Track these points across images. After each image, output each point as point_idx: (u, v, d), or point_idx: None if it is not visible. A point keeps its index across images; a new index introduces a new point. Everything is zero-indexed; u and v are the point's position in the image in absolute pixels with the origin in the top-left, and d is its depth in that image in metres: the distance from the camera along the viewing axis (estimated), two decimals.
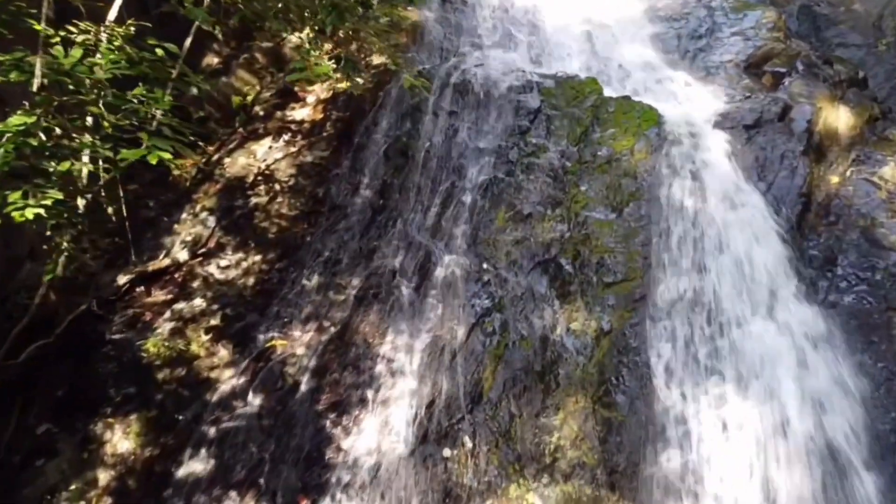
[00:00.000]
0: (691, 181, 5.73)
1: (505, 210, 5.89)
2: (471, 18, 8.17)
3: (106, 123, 3.93)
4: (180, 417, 4.85)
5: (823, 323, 5.06)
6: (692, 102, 6.61)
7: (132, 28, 4.49)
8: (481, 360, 4.95)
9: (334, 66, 4.79)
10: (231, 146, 7.04)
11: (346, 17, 4.27)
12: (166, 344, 5.16)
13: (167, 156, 3.56)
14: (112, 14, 4.66)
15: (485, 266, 5.57)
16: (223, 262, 5.78)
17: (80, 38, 4.12)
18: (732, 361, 4.94)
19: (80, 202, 4.60)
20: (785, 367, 4.90)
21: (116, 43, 4.39)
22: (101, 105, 3.95)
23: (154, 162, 3.52)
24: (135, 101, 3.91)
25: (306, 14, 4.51)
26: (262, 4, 4.87)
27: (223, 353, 5.15)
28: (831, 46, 8.98)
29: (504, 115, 6.62)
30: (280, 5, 4.80)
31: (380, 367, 4.91)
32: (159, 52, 4.63)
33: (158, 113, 3.93)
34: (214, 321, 5.31)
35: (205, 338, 5.23)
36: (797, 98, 6.52)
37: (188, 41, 6.04)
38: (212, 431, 4.72)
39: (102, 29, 4.30)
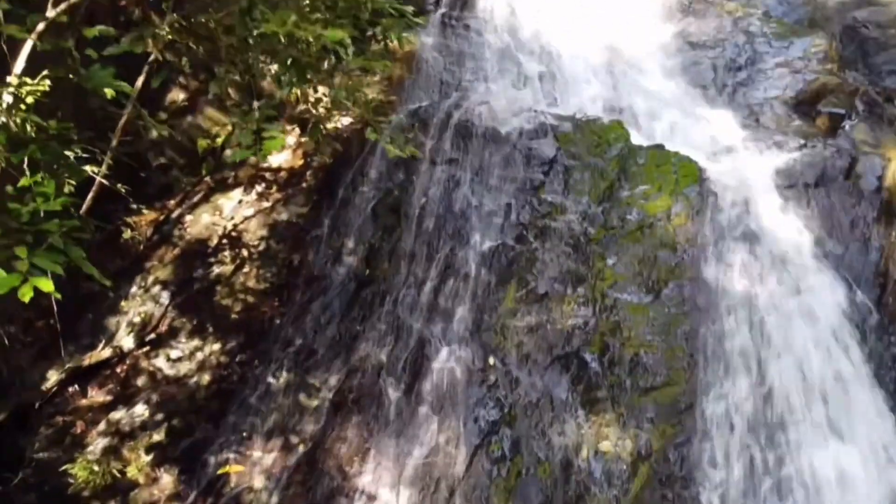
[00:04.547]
0: (744, 254, 4.71)
1: (516, 287, 4.88)
2: (474, 45, 7.13)
3: None
4: None
5: None
6: (736, 152, 5.57)
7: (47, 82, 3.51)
8: (487, 496, 3.93)
9: (297, 131, 3.78)
10: (195, 199, 6.04)
11: (307, 76, 3.26)
12: (97, 468, 4.15)
13: (48, 287, 2.54)
14: (19, 65, 3.63)
15: (491, 361, 4.56)
16: (174, 353, 4.78)
17: None
18: (804, 496, 3.93)
19: None
20: None
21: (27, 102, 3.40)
22: None
23: (27, 299, 2.50)
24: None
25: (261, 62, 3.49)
26: (212, 45, 3.88)
27: (166, 480, 4.15)
28: (881, 74, 7.88)
29: (513, 165, 5.58)
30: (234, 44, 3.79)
31: None
32: (109, 92, 3.71)
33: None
34: (158, 436, 4.32)
35: (145, 458, 4.24)
36: (862, 147, 5.46)
37: (140, 80, 5.08)
38: None
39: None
